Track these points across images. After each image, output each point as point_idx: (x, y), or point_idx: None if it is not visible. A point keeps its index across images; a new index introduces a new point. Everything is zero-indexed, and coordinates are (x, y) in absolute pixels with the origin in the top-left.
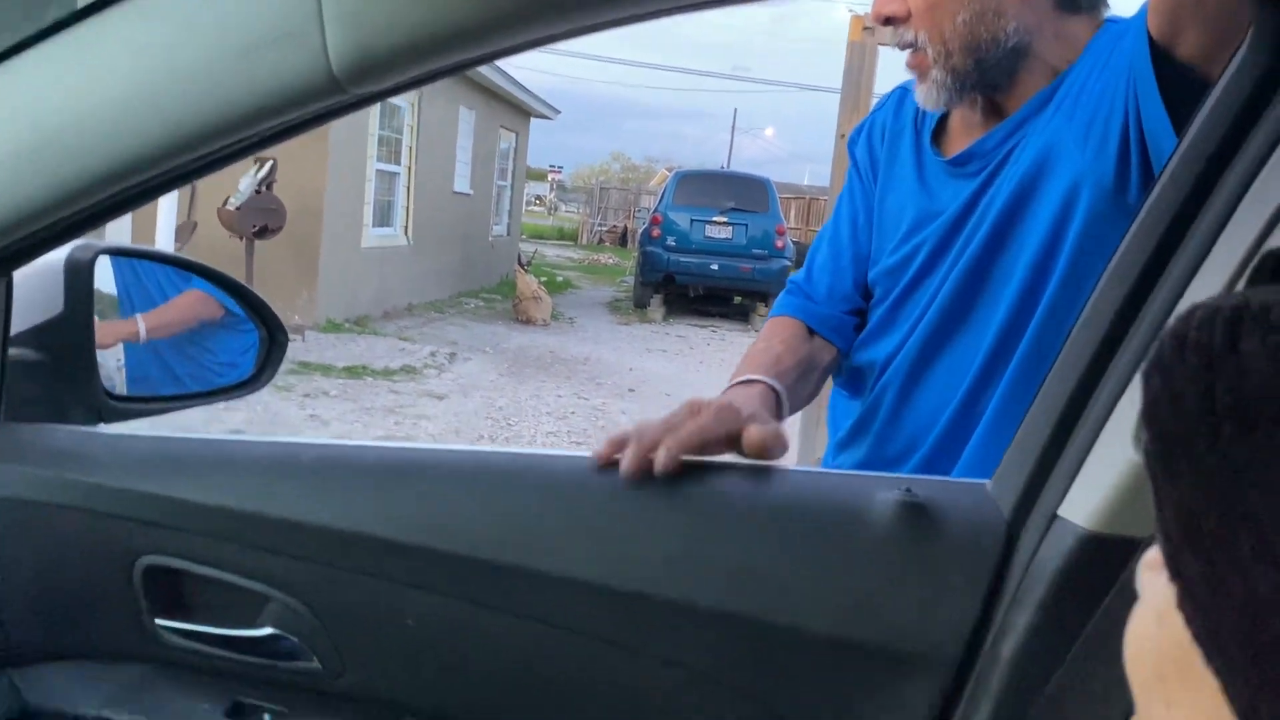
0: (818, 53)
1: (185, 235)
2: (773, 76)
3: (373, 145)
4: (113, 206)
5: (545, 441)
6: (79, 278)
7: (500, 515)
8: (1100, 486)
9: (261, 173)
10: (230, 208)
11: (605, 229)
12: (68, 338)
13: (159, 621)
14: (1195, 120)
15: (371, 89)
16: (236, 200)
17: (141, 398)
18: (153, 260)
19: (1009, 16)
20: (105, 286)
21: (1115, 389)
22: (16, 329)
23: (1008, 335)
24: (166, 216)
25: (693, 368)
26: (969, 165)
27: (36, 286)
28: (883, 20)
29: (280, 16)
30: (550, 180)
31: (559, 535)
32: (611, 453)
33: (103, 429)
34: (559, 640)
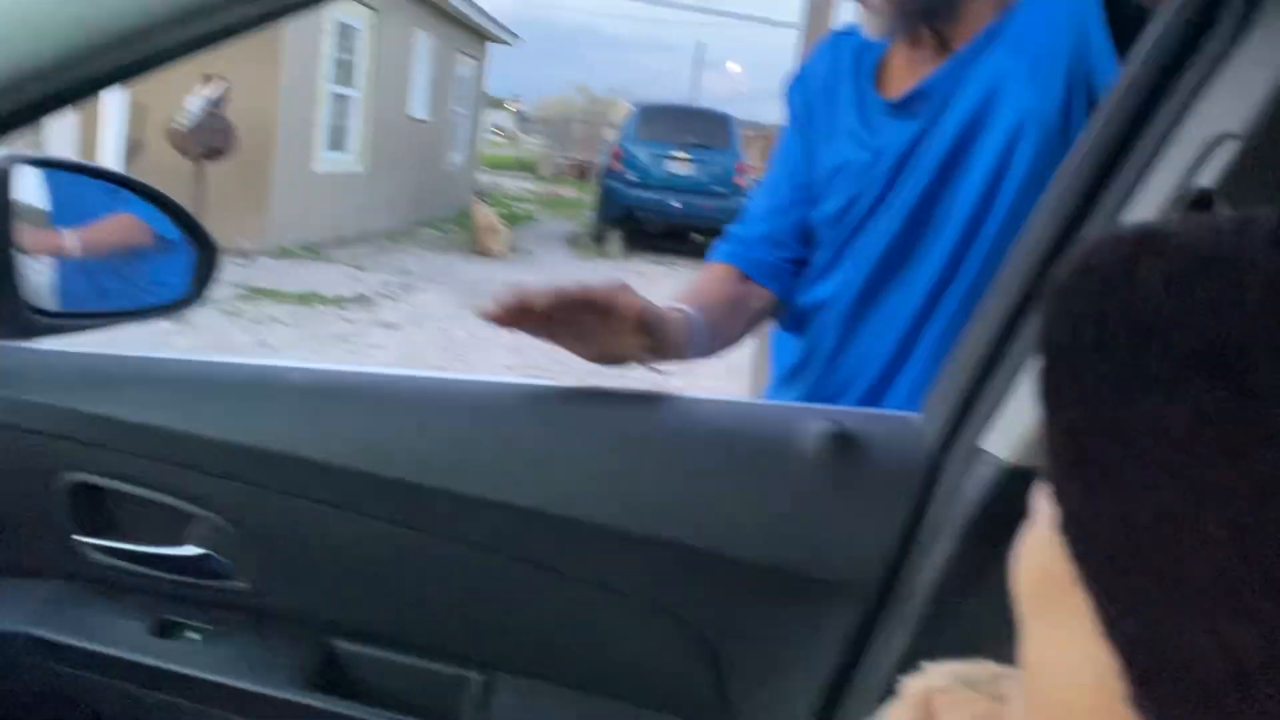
0: None
1: (134, 155)
2: (738, 10)
3: (327, 66)
4: (48, 100)
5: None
6: None
7: (432, 439)
8: (1021, 420)
9: (211, 93)
10: (179, 128)
11: (568, 162)
12: None
13: (85, 539)
14: (1133, 55)
15: None
16: (186, 121)
17: (70, 313)
18: (81, 173)
19: None
20: (34, 200)
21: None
22: None
23: (949, 274)
24: (113, 129)
25: None
26: (912, 105)
27: None
28: None
29: None
30: (514, 109)
31: (491, 460)
32: (499, 309)
33: (30, 344)
34: (489, 564)
